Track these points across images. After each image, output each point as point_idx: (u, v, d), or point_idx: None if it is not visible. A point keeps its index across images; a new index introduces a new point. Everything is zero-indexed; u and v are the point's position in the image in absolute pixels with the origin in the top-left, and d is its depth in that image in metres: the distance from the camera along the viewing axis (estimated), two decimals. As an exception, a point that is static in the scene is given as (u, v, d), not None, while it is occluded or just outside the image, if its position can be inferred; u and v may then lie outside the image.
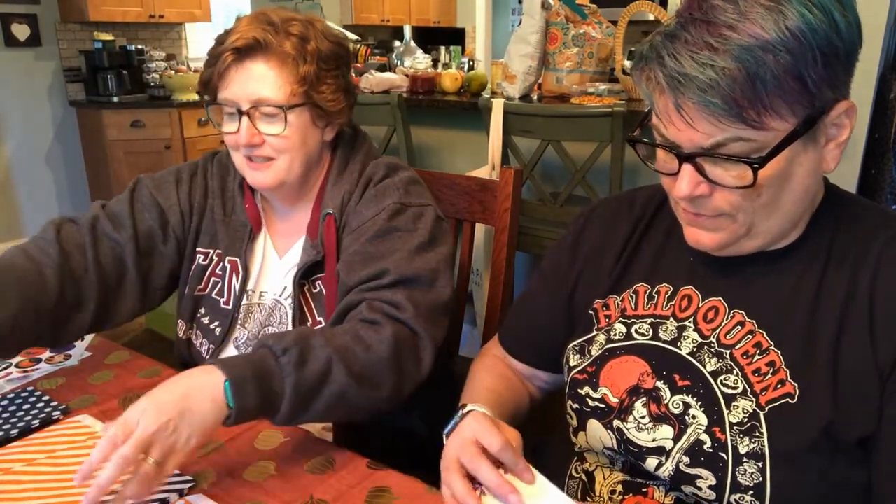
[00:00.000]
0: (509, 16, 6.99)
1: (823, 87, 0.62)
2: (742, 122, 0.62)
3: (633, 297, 0.83)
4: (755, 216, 0.69)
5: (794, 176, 0.67)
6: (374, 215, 1.00)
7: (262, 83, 0.96)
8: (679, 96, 0.63)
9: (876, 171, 2.46)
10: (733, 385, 0.72)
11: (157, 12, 4.50)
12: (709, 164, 0.66)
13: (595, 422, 0.80)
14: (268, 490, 0.79)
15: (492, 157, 2.16)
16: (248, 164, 1.02)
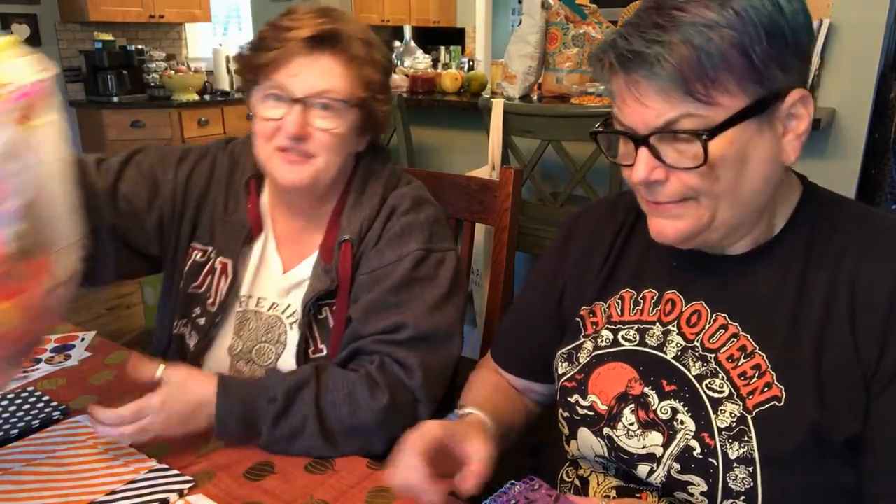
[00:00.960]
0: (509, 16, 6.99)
1: (771, 66, 0.63)
2: (691, 97, 0.63)
3: (619, 303, 0.83)
4: (718, 202, 0.68)
5: (750, 161, 0.67)
6: (397, 260, 0.97)
7: (328, 76, 0.93)
8: (630, 73, 0.65)
9: (876, 171, 2.46)
10: (719, 389, 0.72)
11: (157, 12, 4.50)
12: (664, 146, 0.67)
13: (586, 430, 0.80)
14: (268, 490, 0.79)
15: (492, 157, 2.16)
16: (283, 156, 0.95)
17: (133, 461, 0.84)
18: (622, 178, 0.76)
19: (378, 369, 0.91)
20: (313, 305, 0.99)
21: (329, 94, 0.93)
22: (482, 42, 6.31)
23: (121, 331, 3.19)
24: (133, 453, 0.85)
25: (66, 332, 1.21)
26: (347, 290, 0.99)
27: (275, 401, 0.87)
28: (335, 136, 0.95)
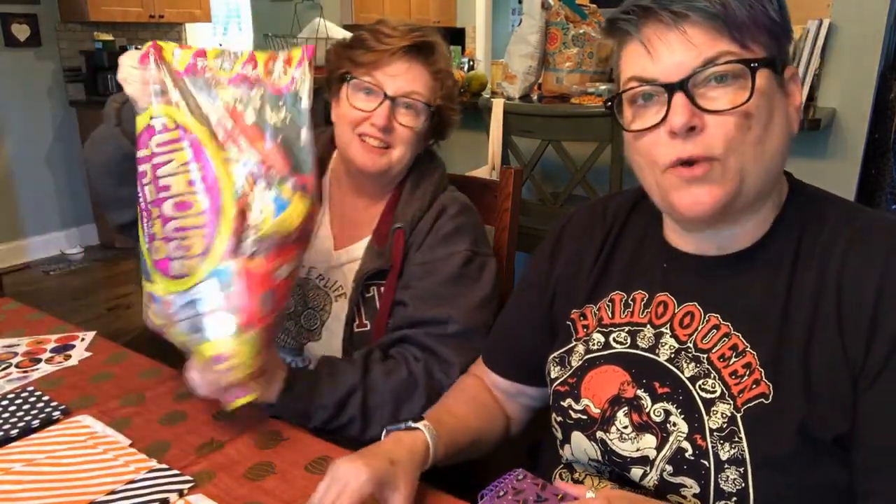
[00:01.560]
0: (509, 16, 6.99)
1: (782, 32, 0.69)
2: (729, 37, 0.66)
3: (610, 305, 0.83)
4: (746, 159, 0.68)
5: (775, 116, 0.69)
6: (447, 257, 1.08)
7: (418, 82, 1.07)
8: (673, 9, 0.67)
9: (876, 171, 2.46)
10: (711, 389, 0.72)
11: (157, 12, 4.50)
12: (700, 91, 0.67)
13: (579, 434, 0.80)
14: (268, 490, 0.79)
15: (492, 157, 2.16)
16: (362, 144, 1.07)
17: (133, 461, 0.84)
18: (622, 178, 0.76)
19: (423, 372, 1.01)
20: (363, 283, 1.08)
21: (416, 95, 1.06)
22: (482, 42, 6.31)
23: (121, 331, 3.19)
24: (133, 453, 0.85)
25: (66, 332, 1.21)
26: (397, 273, 1.09)
27: (326, 408, 0.97)
28: (413, 132, 1.08)
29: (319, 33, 2.79)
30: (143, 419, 0.94)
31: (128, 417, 0.94)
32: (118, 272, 4.03)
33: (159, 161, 0.85)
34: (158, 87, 0.85)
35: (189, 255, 0.84)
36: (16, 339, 1.18)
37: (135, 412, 0.95)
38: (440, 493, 0.79)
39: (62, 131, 4.33)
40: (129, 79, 0.89)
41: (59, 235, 4.38)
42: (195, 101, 0.86)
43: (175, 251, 0.85)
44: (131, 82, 0.88)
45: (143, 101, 0.86)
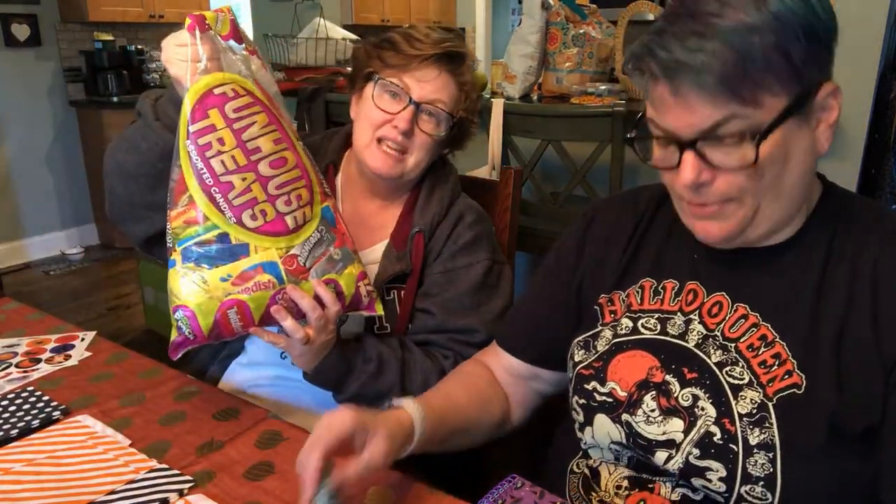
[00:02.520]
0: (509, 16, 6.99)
1: (809, 65, 0.65)
2: (737, 100, 0.64)
3: (640, 291, 0.84)
4: (762, 198, 0.70)
5: (792, 155, 0.69)
6: (469, 266, 1.10)
7: (445, 90, 1.08)
8: (675, 82, 0.66)
9: (876, 171, 2.46)
10: (739, 377, 0.73)
11: (157, 12, 4.50)
12: (709, 148, 0.68)
13: (603, 416, 0.80)
14: (268, 490, 0.79)
15: (492, 157, 2.16)
16: (379, 148, 1.07)
17: (133, 461, 0.84)
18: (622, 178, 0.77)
19: (452, 367, 1.04)
20: (383, 287, 1.09)
21: (440, 104, 1.07)
22: (482, 42, 6.31)
23: (121, 331, 3.19)
24: (133, 453, 0.85)
25: (66, 332, 1.21)
26: (417, 277, 1.10)
27: (370, 361, 1.01)
28: (433, 139, 1.08)
29: (319, 33, 2.79)
30: (143, 419, 0.94)
31: (128, 417, 0.94)
32: (118, 272, 4.03)
33: (242, 125, 0.87)
34: (207, 59, 0.86)
35: (301, 205, 0.92)
36: (16, 339, 1.18)
37: (135, 412, 0.95)
38: (441, 494, 0.79)
39: (62, 131, 4.33)
40: (173, 59, 0.88)
41: (59, 235, 4.38)
42: (246, 66, 0.90)
43: (285, 206, 0.91)
44: (176, 62, 0.87)
45: (189, 79, 0.86)
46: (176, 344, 0.90)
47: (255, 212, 0.88)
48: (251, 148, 0.88)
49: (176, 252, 0.88)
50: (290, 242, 0.91)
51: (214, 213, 0.87)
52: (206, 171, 0.86)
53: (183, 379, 1.05)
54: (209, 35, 0.87)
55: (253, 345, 1.15)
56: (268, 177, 0.89)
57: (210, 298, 0.87)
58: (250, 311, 0.89)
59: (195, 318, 0.87)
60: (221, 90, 0.86)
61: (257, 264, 0.88)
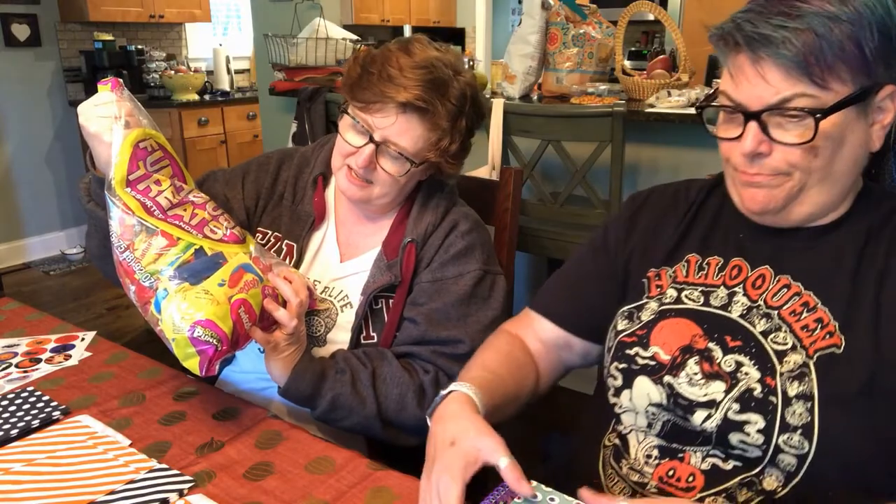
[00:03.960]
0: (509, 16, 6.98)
1: (878, 61, 0.71)
2: (808, 79, 0.70)
3: (685, 266, 0.88)
4: (810, 178, 0.74)
5: (846, 143, 0.73)
6: (458, 276, 1.08)
7: (408, 136, 1.02)
8: (756, 53, 0.71)
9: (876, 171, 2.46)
10: (783, 342, 0.76)
11: (157, 12, 4.50)
12: (772, 123, 0.73)
13: (644, 378, 0.82)
14: (268, 490, 0.79)
15: (492, 157, 2.16)
16: (347, 173, 1.07)
17: (133, 461, 0.84)
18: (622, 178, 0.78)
19: (432, 383, 1.03)
20: (371, 297, 1.08)
21: (402, 149, 1.03)
22: (482, 42, 6.30)
23: (121, 331, 3.18)
24: (133, 453, 0.85)
25: (66, 332, 1.21)
26: (406, 287, 1.09)
27: (343, 372, 1.01)
28: (395, 179, 1.06)
29: (319, 33, 2.79)
30: (143, 419, 0.94)
31: (128, 417, 0.94)
32: (118, 272, 4.03)
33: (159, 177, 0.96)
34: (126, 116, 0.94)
35: (233, 224, 1.02)
36: (16, 339, 1.18)
37: (135, 412, 0.95)
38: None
39: (62, 131, 4.33)
40: (92, 117, 0.94)
41: (59, 235, 4.38)
42: (149, 120, 0.98)
43: (227, 222, 1.01)
44: (95, 119, 0.93)
45: (111, 133, 0.93)
46: (208, 358, 0.89)
47: (211, 228, 0.97)
48: (177, 186, 0.99)
49: (162, 281, 0.91)
50: (247, 248, 1.00)
51: (183, 233, 0.94)
52: (155, 208, 0.94)
53: (183, 379, 1.05)
54: (126, 94, 0.96)
55: (244, 354, 1.14)
56: (200, 203, 1.00)
57: (219, 304, 0.89)
58: (253, 308, 0.93)
59: (216, 325, 0.88)
60: (143, 145, 0.95)
61: (238, 266, 0.95)
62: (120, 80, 0.96)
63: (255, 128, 4.74)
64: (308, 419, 1.08)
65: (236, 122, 4.69)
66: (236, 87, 5.06)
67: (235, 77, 5.06)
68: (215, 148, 4.56)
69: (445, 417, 0.77)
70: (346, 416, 1.01)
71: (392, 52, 1.04)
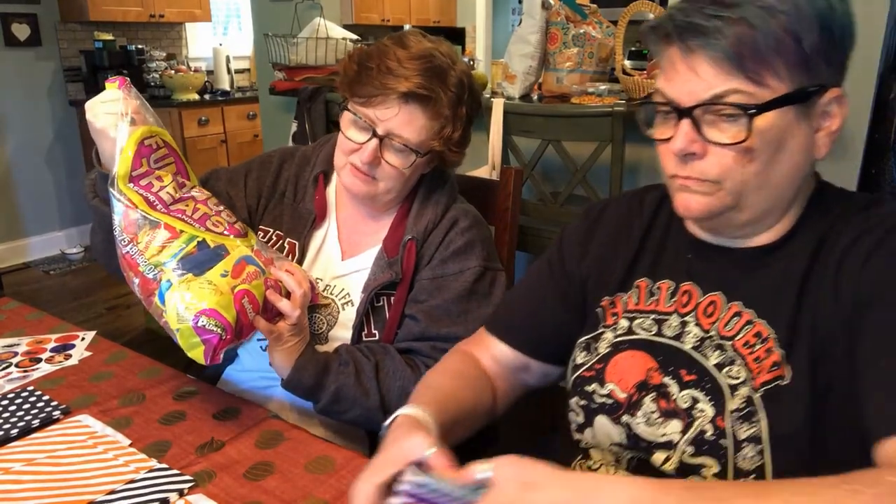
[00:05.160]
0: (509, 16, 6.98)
1: (818, 58, 0.66)
2: (742, 74, 0.66)
3: (637, 292, 0.84)
4: (744, 186, 0.70)
5: (785, 148, 0.69)
6: (459, 273, 1.09)
7: (411, 126, 1.03)
8: (687, 44, 0.68)
9: (876, 171, 2.46)
10: (736, 375, 0.73)
11: (157, 12, 4.50)
12: (707, 121, 0.69)
13: (603, 417, 0.80)
14: (268, 490, 0.79)
15: (492, 157, 2.16)
16: (352, 170, 1.07)
17: (133, 461, 0.84)
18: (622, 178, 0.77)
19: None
20: (373, 293, 1.08)
21: (406, 141, 1.03)
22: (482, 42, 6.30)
23: (121, 331, 3.18)
24: (133, 453, 0.85)
25: (66, 332, 1.21)
26: (407, 284, 1.09)
27: (347, 363, 1.02)
28: (400, 172, 1.06)
29: (319, 33, 2.79)
30: (143, 419, 0.94)
31: (128, 417, 0.94)
32: (118, 272, 4.03)
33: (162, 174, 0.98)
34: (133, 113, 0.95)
35: (234, 219, 1.03)
36: (16, 338, 1.18)
37: (135, 412, 0.95)
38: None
39: (62, 131, 4.33)
40: (99, 114, 0.95)
41: (59, 235, 4.38)
42: (155, 118, 0.99)
43: (228, 217, 1.01)
44: (102, 116, 0.95)
45: (117, 129, 0.94)
46: (213, 347, 0.90)
47: (213, 222, 0.98)
48: (180, 182, 1.00)
49: (166, 273, 0.92)
50: (249, 242, 1.01)
51: (186, 226, 0.95)
52: (158, 203, 0.96)
53: (183, 379, 1.05)
54: (133, 92, 0.97)
55: (246, 352, 1.14)
56: (202, 199, 1.01)
57: (222, 294, 0.91)
58: (256, 299, 0.94)
59: (220, 314, 0.89)
60: (148, 142, 0.96)
61: (241, 258, 0.96)
62: (127, 79, 0.97)
63: (256, 127, 4.74)
64: (310, 417, 1.08)
65: (236, 121, 4.69)
66: (236, 87, 5.05)
67: (235, 77, 5.06)
68: (215, 147, 4.56)
69: (388, 442, 0.71)
70: (349, 407, 1.02)
71: (388, 46, 1.04)
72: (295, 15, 3.09)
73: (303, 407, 1.09)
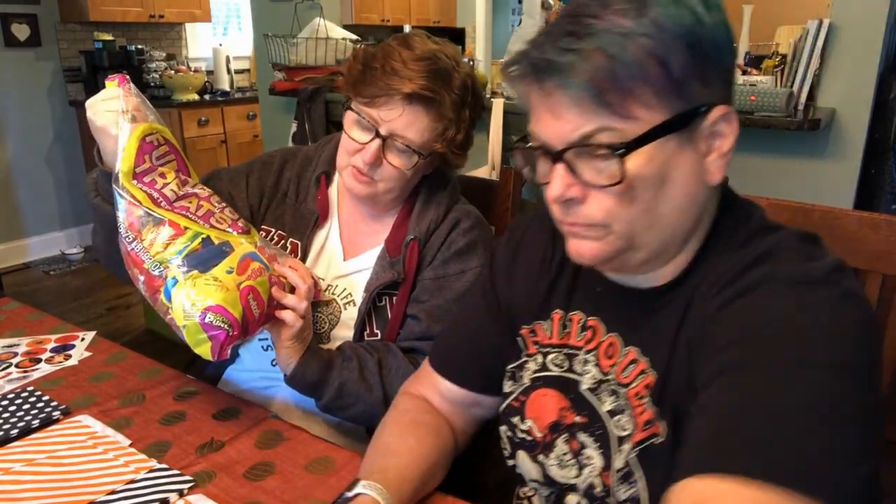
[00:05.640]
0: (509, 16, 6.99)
1: (690, 79, 0.60)
2: (606, 110, 0.59)
3: (550, 325, 0.80)
4: (633, 226, 0.64)
5: (671, 180, 0.62)
6: (460, 273, 1.09)
7: (414, 127, 1.03)
8: (543, 83, 0.61)
9: (876, 171, 2.46)
10: (624, 427, 0.69)
11: (157, 12, 4.50)
12: (581, 162, 0.63)
13: (523, 453, 0.79)
14: (268, 490, 0.79)
15: (492, 157, 2.16)
16: (353, 172, 1.06)
17: (133, 461, 0.84)
18: None
19: None
20: (374, 294, 1.08)
21: (409, 142, 1.03)
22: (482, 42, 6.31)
23: (121, 331, 3.18)
24: (133, 453, 0.85)
25: (66, 332, 1.21)
26: (409, 284, 1.09)
27: (350, 360, 1.02)
28: (401, 173, 1.06)
29: (319, 33, 2.79)
30: (143, 419, 0.94)
31: (128, 417, 0.94)
32: (118, 272, 4.02)
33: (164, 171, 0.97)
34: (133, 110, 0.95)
35: (237, 216, 1.02)
36: (16, 339, 1.18)
37: (135, 412, 0.95)
38: (439, 493, 0.79)
39: (62, 131, 4.33)
40: (100, 111, 0.96)
41: (59, 235, 4.37)
42: (155, 116, 0.99)
43: (231, 215, 1.01)
44: (103, 113, 0.95)
45: (117, 126, 0.94)
46: (220, 343, 0.90)
47: (217, 219, 0.98)
48: (182, 180, 1.00)
49: (171, 270, 0.91)
50: (253, 239, 1.00)
51: (190, 223, 0.95)
52: (161, 199, 0.95)
53: (183, 379, 1.05)
54: (133, 90, 0.97)
55: (247, 352, 1.15)
56: (204, 196, 1.00)
57: (228, 291, 0.91)
58: (260, 295, 0.94)
59: (226, 310, 0.90)
60: (150, 139, 0.96)
61: (245, 255, 0.96)
62: (127, 76, 0.97)
63: (255, 128, 4.74)
64: (312, 417, 1.08)
65: (236, 122, 4.69)
66: (236, 87, 5.05)
67: (235, 77, 5.06)
68: (215, 148, 4.56)
69: None
70: (352, 402, 1.02)
71: (393, 47, 1.04)
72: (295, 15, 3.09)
73: (304, 407, 1.09)
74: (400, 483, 0.74)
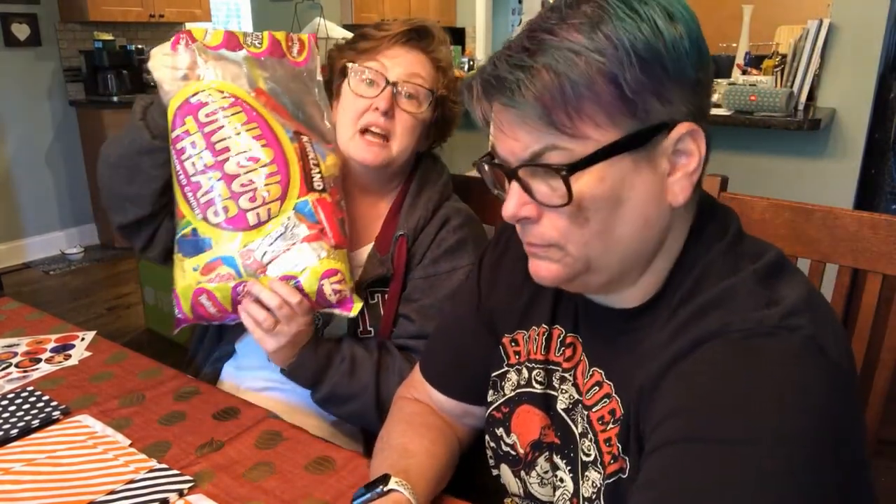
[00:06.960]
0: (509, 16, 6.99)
1: (646, 96, 0.57)
2: (554, 128, 0.57)
3: (536, 338, 0.78)
4: (589, 248, 0.62)
5: (626, 201, 0.60)
6: (451, 272, 1.09)
7: (422, 66, 1.09)
8: (492, 101, 0.60)
9: (876, 171, 2.46)
10: (587, 452, 0.68)
11: (157, 12, 4.50)
12: (535, 182, 0.61)
13: (506, 467, 0.79)
14: (268, 490, 0.79)
15: (492, 157, 2.16)
16: (363, 139, 1.06)
17: (133, 461, 0.84)
18: None
19: None
20: (366, 290, 1.08)
21: (418, 80, 1.07)
22: (482, 42, 6.31)
23: (121, 331, 3.19)
24: (133, 453, 0.85)
25: (65, 332, 1.21)
26: (400, 281, 1.10)
27: (345, 359, 1.03)
28: (416, 119, 1.08)
29: (319, 33, 2.79)
30: (143, 419, 0.94)
31: (128, 417, 0.94)
32: (118, 272, 4.03)
33: (213, 128, 0.95)
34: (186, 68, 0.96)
35: (267, 201, 0.95)
36: (16, 338, 1.18)
37: (135, 412, 0.95)
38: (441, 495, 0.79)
39: (62, 131, 4.33)
40: (158, 65, 0.99)
41: (59, 235, 4.38)
42: (231, 73, 0.98)
43: (248, 203, 0.95)
44: (160, 68, 0.98)
45: (171, 84, 0.96)
46: (177, 320, 1.00)
47: (217, 208, 0.95)
48: (220, 149, 0.95)
49: (175, 244, 0.99)
50: (250, 238, 0.95)
51: (187, 210, 0.97)
52: (181, 173, 0.96)
53: (183, 379, 1.05)
54: (192, 48, 0.97)
55: (244, 347, 1.15)
56: (232, 175, 0.95)
57: (187, 285, 0.96)
58: (218, 300, 0.96)
59: (179, 301, 0.97)
60: (197, 98, 0.95)
61: (217, 257, 0.95)
62: (189, 32, 0.98)
63: (255, 128, 4.73)
64: (310, 418, 1.08)
65: (236, 121, 4.69)
66: (236, 87, 5.05)
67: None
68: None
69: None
70: (346, 401, 1.03)
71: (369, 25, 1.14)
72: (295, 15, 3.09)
73: (304, 407, 1.09)
74: (423, 484, 0.75)
